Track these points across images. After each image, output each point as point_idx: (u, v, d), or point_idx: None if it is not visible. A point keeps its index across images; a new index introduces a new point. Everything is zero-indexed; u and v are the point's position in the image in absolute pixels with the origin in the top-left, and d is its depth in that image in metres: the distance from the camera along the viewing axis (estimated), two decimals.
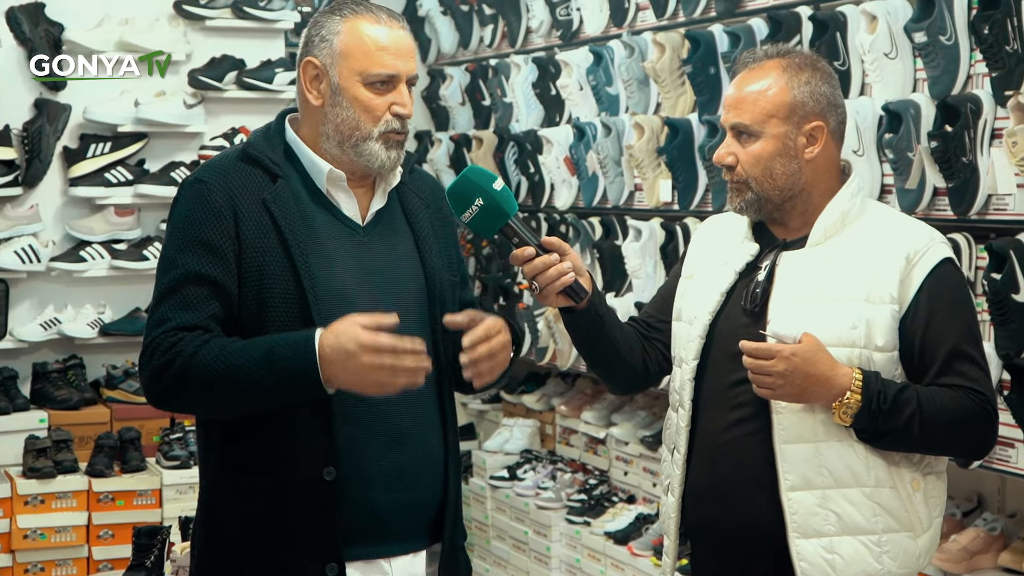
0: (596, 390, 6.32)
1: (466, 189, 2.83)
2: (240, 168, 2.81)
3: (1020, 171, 3.63)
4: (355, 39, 2.79)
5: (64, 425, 5.74)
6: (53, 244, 6.04)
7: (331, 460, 2.74)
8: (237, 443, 2.79)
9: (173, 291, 2.73)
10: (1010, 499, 4.37)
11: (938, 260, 2.86)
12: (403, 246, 2.89)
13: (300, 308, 2.73)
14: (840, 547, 2.83)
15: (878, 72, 4.11)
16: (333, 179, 2.84)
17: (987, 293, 3.74)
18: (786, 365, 2.76)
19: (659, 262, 5.21)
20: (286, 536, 2.75)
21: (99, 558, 5.47)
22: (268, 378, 2.65)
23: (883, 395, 2.78)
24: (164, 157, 6.19)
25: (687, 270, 3.12)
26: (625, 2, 5.48)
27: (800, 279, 2.89)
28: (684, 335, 3.02)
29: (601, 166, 5.55)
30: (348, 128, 2.80)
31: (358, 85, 2.79)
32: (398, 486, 2.80)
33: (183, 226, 2.78)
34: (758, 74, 2.94)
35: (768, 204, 2.94)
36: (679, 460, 2.99)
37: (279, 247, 2.75)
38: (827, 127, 2.93)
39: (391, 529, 2.81)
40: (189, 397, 2.73)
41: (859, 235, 2.91)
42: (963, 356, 2.84)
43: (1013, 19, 3.68)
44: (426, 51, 7.18)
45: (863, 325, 2.83)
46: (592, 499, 5.89)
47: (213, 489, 2.85)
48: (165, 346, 2.70)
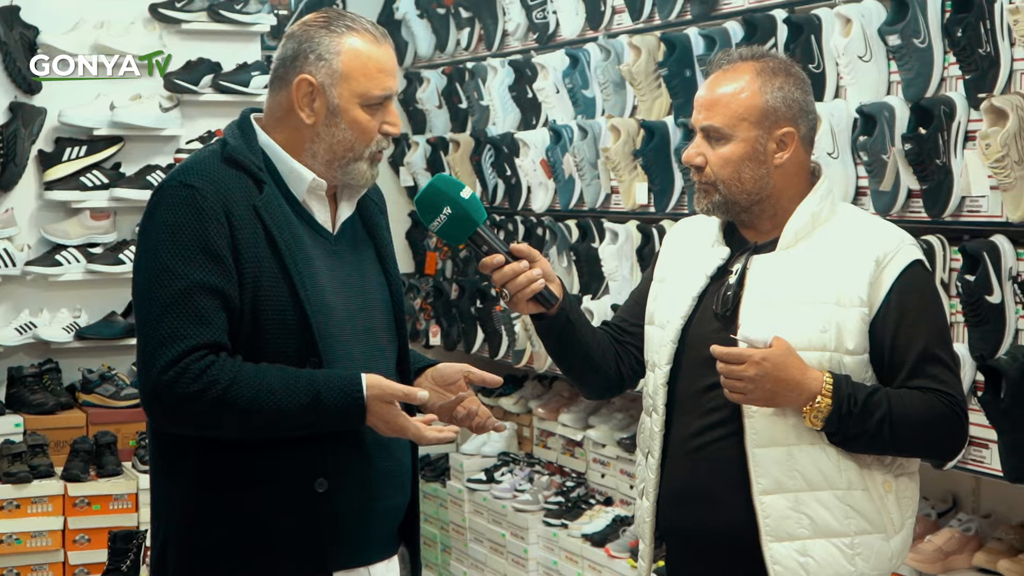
0: (573, 393, 6.32)
1: (434, 198, 2.83)
2: (227, 173, 2.72)
3: (993, 173, 3.65)
4: (357, 61, 2.74)
5: (39, 429, 5.72)
6: (28, 248, 6.01)
7: (323, 471, 2.72)
8: (221, 458, 2.71)
9: (178, 304, 2.62)
10: (985, 499, 4.39)
11: (908, 262, 2.87)
12: (367, 255, 2.89)
13: (295, 319, 2.69)
14: (813, 550, 2.83)
15: (852, 75, 4.13)
16: (313, 188, 2.80)
17: (961, 295, 3.76)
18: (756, 370, 2.76)
19: (636, 264, 5.22)
20: (275, 549, 2.72)
21: (75, 563, 5.45)
22: (314, 421, 2.65)
23: (853, 398, 2.78)
24: (140, 160, 6.17)
25: (659, 274, 3.13)
26: (601, 5, 5.49)
27: (771, 283, 2.90)
28: (657, 339, 3.03)
29: (578, 169, 5.55)
30: (342, 148, 2.76)
31: (357, 107, 2.75)
32: (382, 493, 2.80)
33: (177, 233, 2.65)
34: (731, 76, 2.94)
35: (735, 207, 2.95)
36: (653, 464, 3.00)
37: (272, 257, 2.69)
38: (798, 133, 2.93)
39: (373, 536, 2.82)
40: (218, 425, 2.66)
41: (829, 238, 2.92)
42: (933, 358, 2.85)
43: (986, 22, 3.70)
44: (403, 54, 7.17)
45: (833, 329, 2.83)
46: (569, 501, 5.89)
47: (194, 504, 2.74)
48: (195, 371, 2.60)
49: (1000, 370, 3.64)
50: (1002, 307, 3.72)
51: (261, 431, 2.67)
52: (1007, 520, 4.22)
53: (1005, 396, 3.63)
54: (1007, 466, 3.70)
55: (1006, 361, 3.65)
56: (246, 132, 2.81)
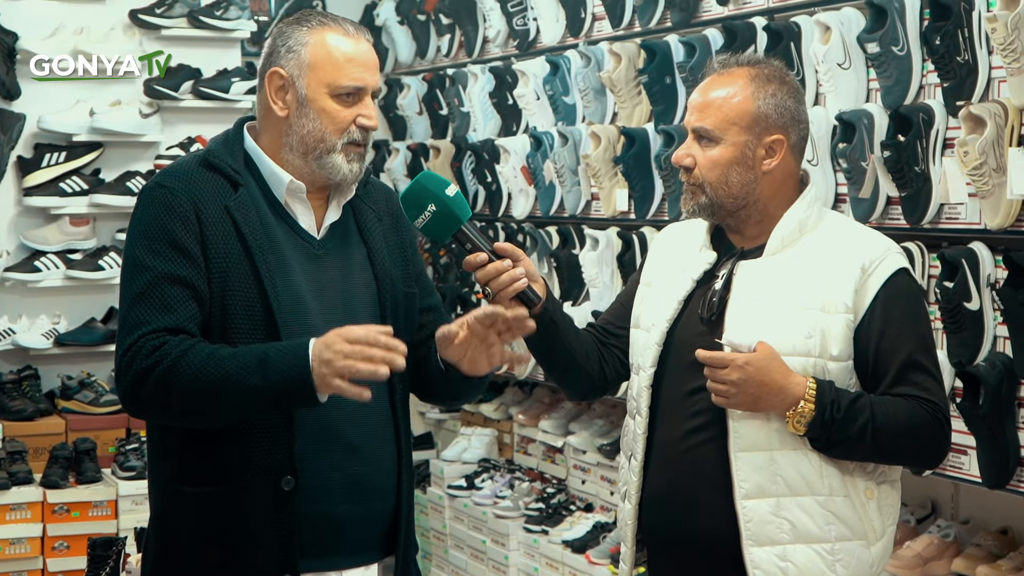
0: (554, 399, 6.32)
1: (419, 195, 2.82)
2: (202, 175, 2.80)
3: (972, 181, 3.66)
4: (324, 51, 2.78)
5: (18, 436, 5.70)
6: (7, 254, 6.00)
7: (289, 470, 2.73)
8: (194, 452, 2.77)
9: (146, 294, 2.69)
10: (963, 506, 4.40)
11: (893, 270, 2.89)
12: (356, 260, 2.88)
13: (263, 316, 2.73)
14: (794, 555, 2.84)
15: (832, 82, 4.14)
16: (293, 190, 2.83)
17: (939, 301, 3.77)
18: (740, 374, 2.78)
19: (616, 271, 5.22)
20: (242, 546, 2.75)
21: (54, 570, 5.43)
22: (261, 386, 2.62)
23: (837, 404, 2.79)
24: (120, 167, 6.16)
25: (646, 277, 3.13)
26: (581, 12, 5.50)
27: (757, 288, 2.91)
28: (642, 342, 3.03)
29: (558, 175, 5.56)
30: (313, 140, 2.79)
31: (326, 96, 2.79)
32: (353, 498, 2.80)
33: (149, 230, 2.74)
34: (726, 80, 2.96)
35: (721, 210, 2.96)
36: (636, 467, 3.00)
37: (242, 254, 2.74)
38: (787, 141, 2.94)
39: (345, 541, 2.81)
40: (174, 402, 2.67)
41: (816, 245, 2.93)
42: (917, 366, 2.86)
43: (964, 30, 3.72)
44: (383, 60, 7.16)
45: (818, 334, 2.85)
46: (550, 508, 5.90)
47: (168, 498, 2.83)
48: (148, 349, 2.65)
49: (979, 377, 3.66)
50: (980, 314, 3.74)
51: (215, 404, 2.66)
52: (986, 526, 4.24)
53: (984, 403, 3.65)
54: (985, 472, 3.72)
55: (984, 368, 3.67)
56: (230, 137, 2.89)
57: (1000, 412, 3.65)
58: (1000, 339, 3.74)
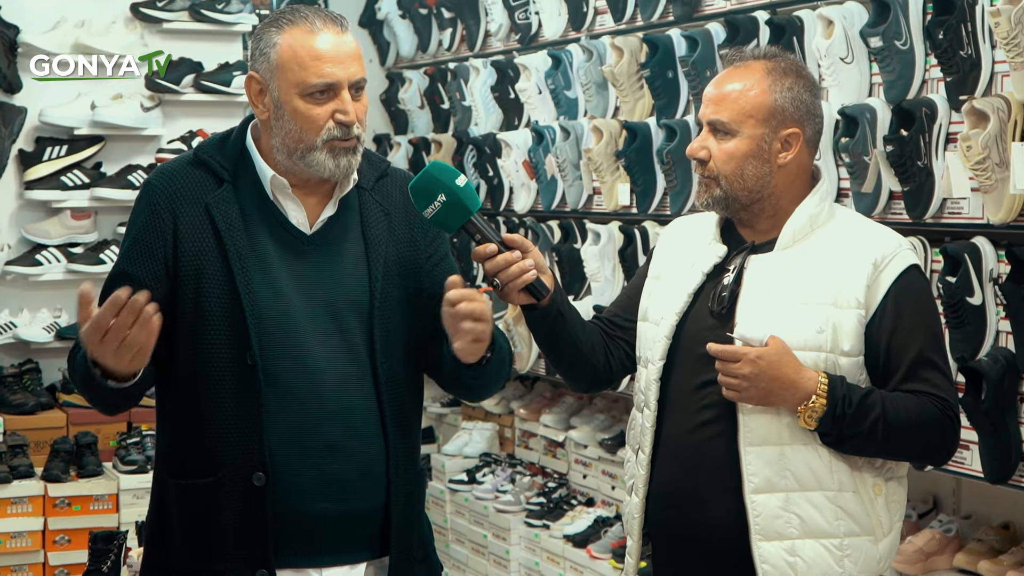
0: (555, 393, 6.33)
1: (429, 185, 2.79)
2: (187, 172, 2.83)
3: (974, 175, 3.66)
4: (290, 51, 2.75)
5: (19, 430, 5.70)
6: (9, 248, 5.99)
7: (260, 466, 2.74)
8: (178, 444, 2.82)
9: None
10: (965, 501, 4.41)
11: (905, 266, 2.88)
12: (350, 256, 2.84)
13: (235, 314, 2.74)
14: (802, 550, 2.84)
15: (834, 76, 4.14)
16: (278, 185, 2.82)
17: (942, 296, 3.77)
18: (751, 368, 2.77)
19: (618, 266, 5.22)
20: (217, 539, 2.77)
21: (55, 563, 5.43)
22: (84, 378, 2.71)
23: (848, 400, 2.79)
24: (121, 160, 6.15)
25: (654, 270, 3.12)
26: (583, 6, 5.50)
27: (768, 282, 2.90)
28: (651, 335, 3.02)
29: (560, 170, 5.56)
30: (292, 140, 2.78)
31: (296, 97, 2.75)
32: (330, 496, 2.77)
33: (128, 227, 2.87)
34: (742, 73, 2.95)
35: (735, 203, 2.95)
36: (644, 461, 2.99)
37: (217, 252, 2.76)
38: (803, 135, 2.93)
39: (323, 539, 2.79)
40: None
41: (827, 240, 2.92)
42: (928, 363, 2.86)
43: (967, 24, 3.71)
44: (385, 54, 7.17)
45: (830, 329, 2.84)
46: (551, 502, 5.90)
47: (157, 488, 2.89)
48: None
49: (981, 371, 3.66)
50: (983, 309, 3.74)
51: (84, 392, 2.78)
52: (987, 521, 4.24)
53: (986, 397, 3.65)
54: (988, 467, 3.72)
55: (987, 363, 3.67)
56: (227, 134, 2.90)
57: (1002, 407, 3.65)
58: (1003, 334, 3.74)
